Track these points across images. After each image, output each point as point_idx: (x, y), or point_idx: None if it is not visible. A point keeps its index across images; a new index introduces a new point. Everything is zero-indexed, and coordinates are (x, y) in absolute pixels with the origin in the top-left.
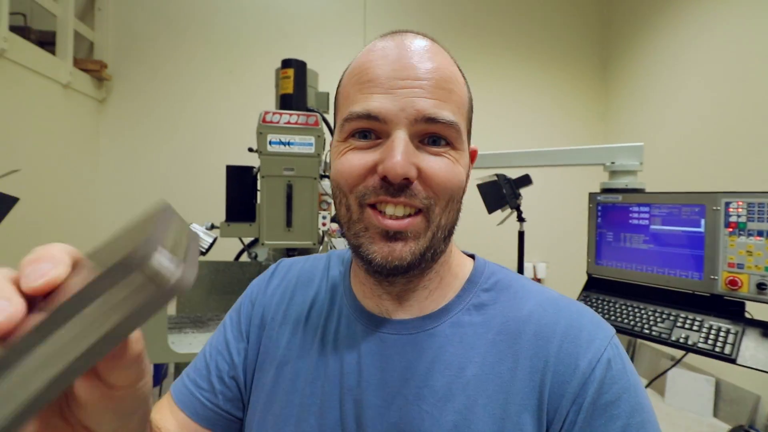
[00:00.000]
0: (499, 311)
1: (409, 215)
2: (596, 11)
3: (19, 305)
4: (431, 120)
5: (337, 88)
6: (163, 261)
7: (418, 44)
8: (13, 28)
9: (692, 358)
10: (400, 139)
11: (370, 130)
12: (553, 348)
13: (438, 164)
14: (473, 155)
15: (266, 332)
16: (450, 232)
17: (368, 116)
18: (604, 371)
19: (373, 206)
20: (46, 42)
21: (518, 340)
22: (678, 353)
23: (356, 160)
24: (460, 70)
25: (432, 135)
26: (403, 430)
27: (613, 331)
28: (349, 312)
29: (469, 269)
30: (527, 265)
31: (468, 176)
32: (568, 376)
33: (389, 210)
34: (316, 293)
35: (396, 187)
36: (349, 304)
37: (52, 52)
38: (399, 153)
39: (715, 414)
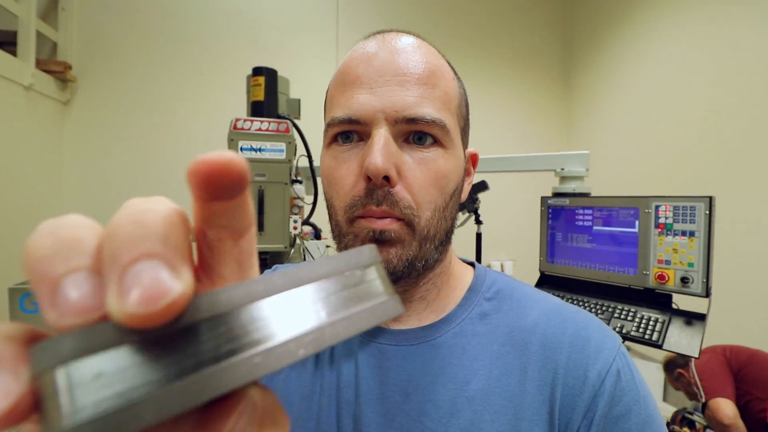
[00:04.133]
0: (503, 321)
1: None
2: (560, 17)
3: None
4: (412, 120)
5: (326, 94)
6: None
7: (400, 41)
8: None
9: (646, 348)
10: (380, 136)
11: (352, 132)
12: (562, 359)
13: (420, 165)
14: (474, 160)
15: None
16: (442, 242)
17: (350, 121)
18: (614, 382)
19: (362, 217)
20: (7, 42)
21: (525, 351)
22: None
23: (343, 169)
24: (450, 66)
25: (416, 133)
26: None
27: (620, 339)
28: None
29: (470, 278)
30: (495, 264)
31: (465, 179)
32: (578, 388)
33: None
34: None
35: (379, 187)
36: None
37: (13, 53)
38: (377, 150)
39: (665, 399)
